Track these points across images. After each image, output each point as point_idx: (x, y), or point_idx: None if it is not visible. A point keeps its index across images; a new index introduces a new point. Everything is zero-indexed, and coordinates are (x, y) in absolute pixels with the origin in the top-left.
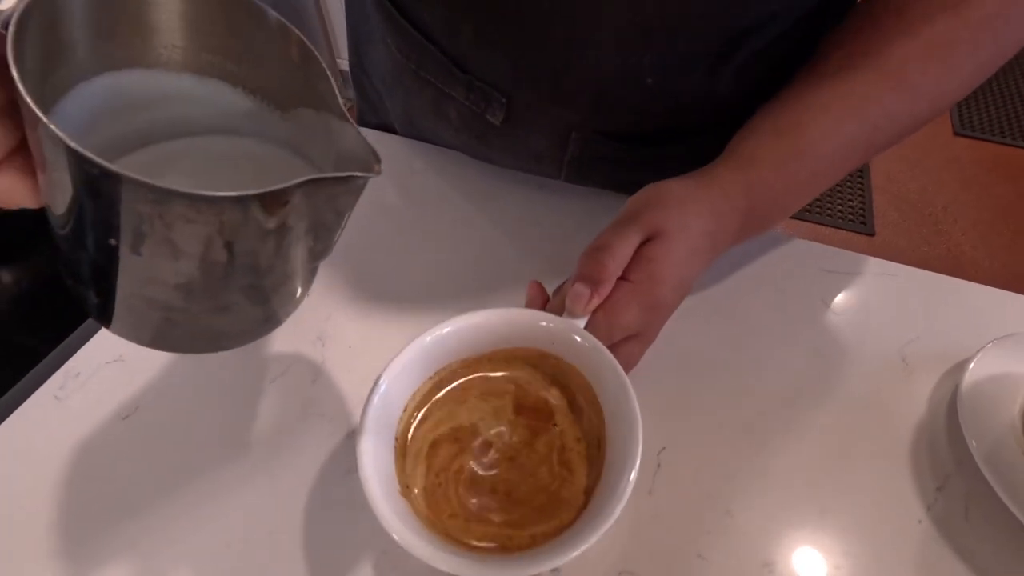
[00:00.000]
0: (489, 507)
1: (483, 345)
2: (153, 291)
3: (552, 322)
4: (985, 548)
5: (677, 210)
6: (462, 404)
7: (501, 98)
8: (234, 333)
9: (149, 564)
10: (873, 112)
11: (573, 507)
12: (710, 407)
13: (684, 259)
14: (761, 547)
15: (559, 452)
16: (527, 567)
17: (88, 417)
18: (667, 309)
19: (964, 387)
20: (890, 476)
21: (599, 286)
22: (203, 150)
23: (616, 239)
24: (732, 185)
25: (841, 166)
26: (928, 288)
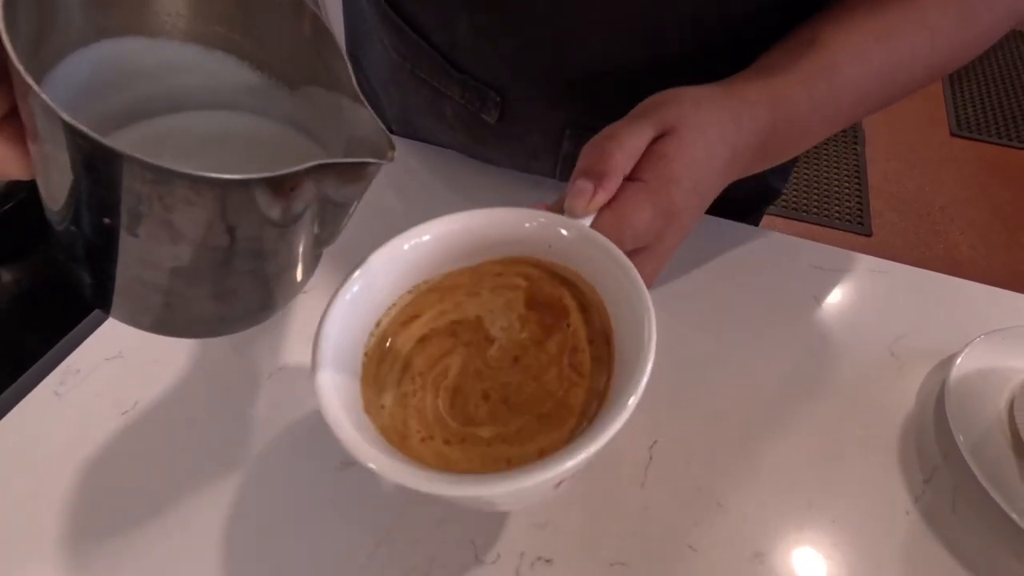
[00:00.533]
0: (476, 419)
1: (467, 256)
2: (150, 274)
3: (547, 219)
4: (972, 539)
5: (693, 108)
6: (472, 296)
7: (496, 96)
8: (234, 318)
9: (147, 556)
10: (898, 45)
11: (580, 414)
12: (701, 402)
13: (701, 160)
14: (752, 538)
15: (570, 353)
16: (539, 473)
17: (87, 413)
18: (683, 218)
19: (951, 381)
20: (879, 469)
21: (604, 179)
22: (206, 127)
23: (625, 130)
24: (755, 94)
25: (863, 98)
26: (917, 284)
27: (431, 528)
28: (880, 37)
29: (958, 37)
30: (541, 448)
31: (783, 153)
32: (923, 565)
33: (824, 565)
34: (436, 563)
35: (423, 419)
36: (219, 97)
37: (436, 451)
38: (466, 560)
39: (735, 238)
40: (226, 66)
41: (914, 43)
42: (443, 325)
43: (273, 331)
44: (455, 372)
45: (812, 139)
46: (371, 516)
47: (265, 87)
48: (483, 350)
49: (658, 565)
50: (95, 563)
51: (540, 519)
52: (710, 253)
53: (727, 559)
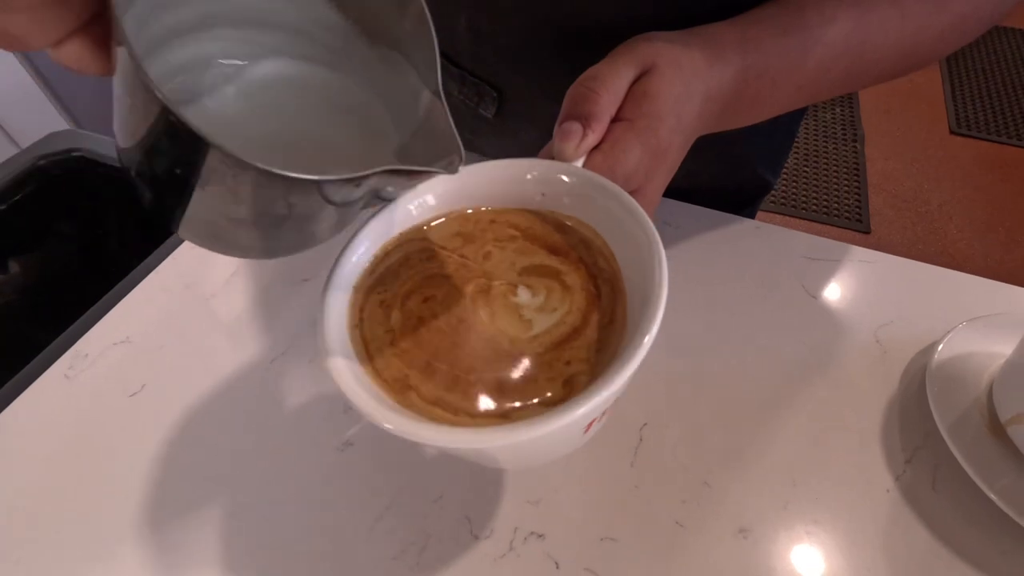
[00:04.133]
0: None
1: (466, 207)
2: (210, 215)
3: (544, 167)
4: (950, 517)
5: (668, 46)
6: (468, 243)
7: (493, 93)
8: (283, 249)
9: (154, 534)
10: (869, 18)
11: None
12: (691, 386)
13: (682, 96)
14: (737, 515)
15: (578, 293)
16: (569, 412)
17: (96, 395)
18: (669, 156)
19: (933, 365)
20: (861, 449)
21: (592, 120)
22: (283, 78)
23: (607, 71)
24: (727, 37)
25: (832, 66)
26: (904, 274)
27: (428, 505)
28: (852, 5)
29: (929, 22)
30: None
31: (753, 106)
32: (903, 541)
33: (807, 540)
34: (433, 538)
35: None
36: (298, 25)
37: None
38: (462, 535)
39: (727, 229)
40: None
41: (884, 19)
42: (438, 272)
43: (276, 318)
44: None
45: (781, 99)
46: (370, 494)
47: (345, 32)
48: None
49: (647, 540)
50: (103, 541)
51: (533, 496)
52: (703, 243)
53: (713, 535)
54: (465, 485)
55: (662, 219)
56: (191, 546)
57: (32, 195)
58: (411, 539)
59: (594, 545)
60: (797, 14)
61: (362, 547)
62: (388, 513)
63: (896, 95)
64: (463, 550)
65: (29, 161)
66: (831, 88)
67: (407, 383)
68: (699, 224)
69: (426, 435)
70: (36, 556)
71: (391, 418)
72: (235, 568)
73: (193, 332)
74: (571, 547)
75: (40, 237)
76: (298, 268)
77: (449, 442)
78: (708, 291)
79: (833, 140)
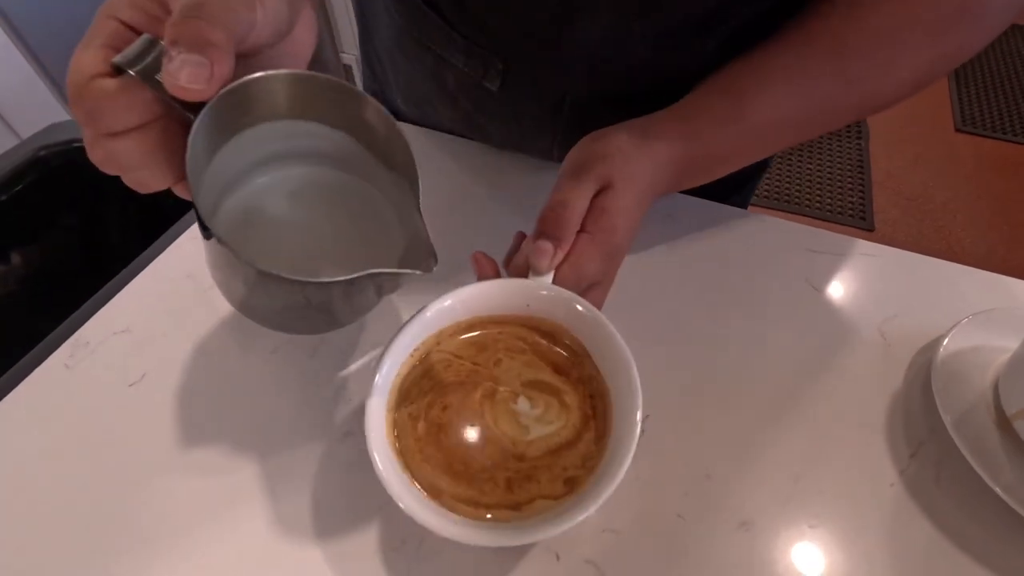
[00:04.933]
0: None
1: (470, 315)
2: (237, 292)
3: (554, 292)
4: (955, 511)
5: (622, 161)
6: (484, 351)
7: (498, 64)
8: (306, 330)
9: (154, 524)
10: (815, 95)
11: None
12: (693, 378)
13: (633, 207)
14: (739, 508)
15: (582, 406)
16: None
17: (97, 384)
18: (622, 255)
19: (939, 359)
20: (865, 443)
21: (562, 241)
22: (310, 182)
23: (572, 195)
24: (672, 134)
25: (775, 139)
26: (908, 267)
27: None
28: (797, 84)
29: (878, 86)
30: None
31: (695, 180)
32: (906, 534)
33: (809, 533)
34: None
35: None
36: (314, 144)
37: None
38: None
39: (730, 221)
40: (342, 140)
41: (830, 93)
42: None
43: None
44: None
45: (729, 167)
46: (369, 485)
47: (367, 160)
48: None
49: (648, 532)
50: (104, 530)
51: None
52: (706, 236)
53: (714, 527)
54: None
55: (663, 212)
56: (190, 535)
57: (33, 186)
58: (411, 530)
59: (595, 537)
60: (742, 100)
61: (362, 538)
62: (388, 504)
63: None
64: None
65: (30, 152)
66: (783, 147)
67: (438, 486)
68: (701, 217)
69: (455, 532)
70: (36, 545)
71: (444, 525)
72: (233, 557)
73: (194, 322)
74: (571, 539)
75: (41, 228)
76: None
77: (479, 541)
78: (711, 284)
79: (837, 137)
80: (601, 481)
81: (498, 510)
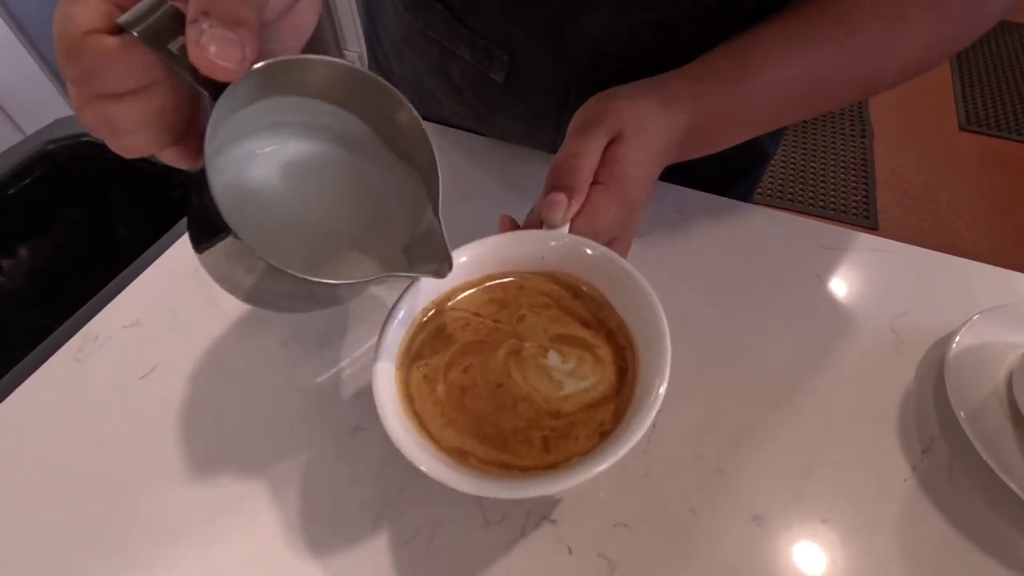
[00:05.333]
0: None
1: (483, 271)
2: (236, 275)
3: (569, 240)
4: (968, 507)
5: (632, 111)
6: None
7: (504, 56)
8: (301, 311)
9: (162, 517)
10: (823, 62)
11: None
12: (705, 374)
13: (647, 158)
14: (751, 502)
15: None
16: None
17: (107, 377)
18: (639, 208)
19: (952, 354)
20: (877, 438)
21: (575, 192)
22: (316, 156)
23: (583, 146)
24: (681, 91)
25: (783, 105)
26: (919, 263)
27: (439, 489)
28: (805, 48)
29: (883, 58)
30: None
31: (709, 145)
32: (919, 530)
33: (822, 528)
34: (444, 523)
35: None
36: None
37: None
38: (473, 520)
39: (739, 217)
40: (351, 121)
41: (838, 62)
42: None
43: None
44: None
45: (735, 136)
46: (381, 478)
47: (372, 137)
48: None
49: (660, 526)
50: (112, 522)
51: None
52: (716, 232)
53: (727, 522)
54: None
55: (673, 207)
56: (198, 529)
57: (40, 180)
58: (422, 523)
59: (607, 531)
60: (745, 65)
61: (373, 531)
62: (399, 497)
63: (905, 91)
64: (475, 535)
65: (37, 146)
66: (791, 119)
67: (464, 450)
68: (710, 212)
69: (493, 489)
70: (45, 536)
71: (463, 480)
72: (242, 550)
73: (203, 316)
74: (584, 533)
75: (48, 222)
76: None
77: (512, 493)
78: (721, 279)
79: (841, 136)
80: (632, 424)
81: (534, 472)
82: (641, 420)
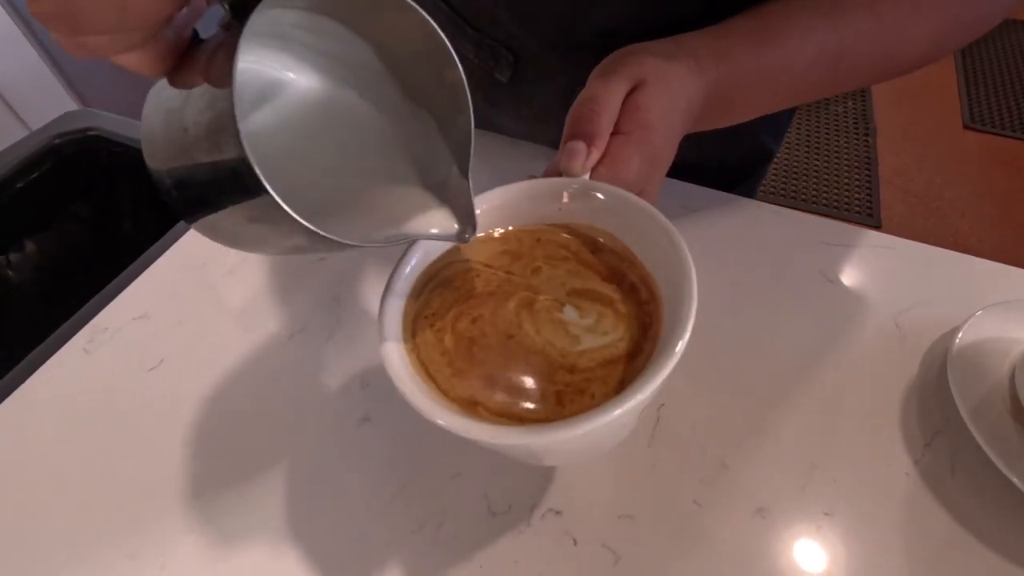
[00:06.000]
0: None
1: (496, 222)
2: (236, 228)
3: (580, 185)
4: (970, 501)
5: (654, 62)
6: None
7: (509, 56)
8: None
9: (170, 508)
10: (844, 24)
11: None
12: (710, 369)
13: (669, 108)
14: (754, 495)
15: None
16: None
17: (116, 368)
18: (664, 161)
19: (955, 349)
20: (880, 432)
21: (595, 139)
22: (328, 98)
23: (603, 90)
24: (703, 50)
25: (807, 74)
26: (923, 259)
27: (445, 481)
28: (827, 15)
29: (904, 32)
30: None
31: (730, 112)
32: (922, 524)
33: (825, 521)
34: (450, 514)
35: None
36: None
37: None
38: (479, 512)
39: (743, 212)
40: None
41: (859, 26)
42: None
43: (294, 296)
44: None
45: (756, 105)
46: (387, 469)
47: (386, 78)
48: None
49: (664, 518)
50: (122, 510)
51: (550, 475)
52: (719, 226)
53: (730, 514)
54: (482, 463)
55: (678, 202)
56: (206, 520)
57: (47, 174)
58: (428, 515)
59: (612, 522)
60: (770, 25)
61: (379, 522)
62: (405, 489)
63: (909, 89)
64: (481, 526)
65: (45, 140)
66: (812, 93)
67: (474, 400)
68: (714, 207)
69: (505, 437)
70: (56, 527)
71: (472, 427)
72: (250, 542)
73: (211, 308)
74: (588, 524)
75: (55, 217)
76: None
77: (518, 440)
78: (725, 274)
79: (844, 134)
80: (659, 359)
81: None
82: (677, 341)
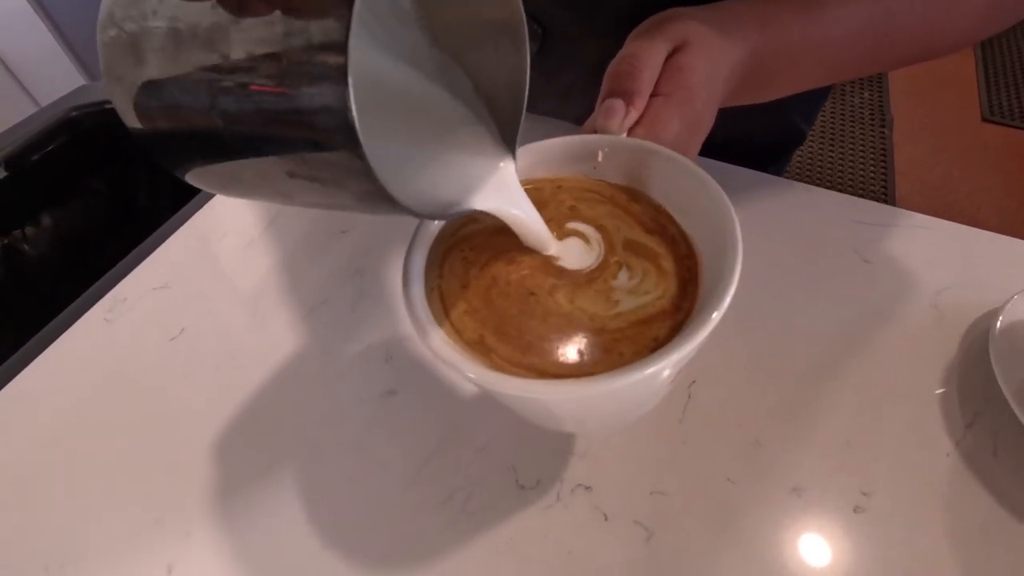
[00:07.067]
0: None
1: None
2: (249, 172)
3: (596, 140)
4: (1013, 482)
5: (696, 24)
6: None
7: (539, 29)
8: None
9: (193, 479)
10: None
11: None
12: (743, 348)
13: (711, 72)
14: (790, 474)
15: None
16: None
17: (136, 338)
18: (704, 127)
19: (998, 329)
20: (919, 413)
21: (634, 97)
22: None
23: (643, 49)
24: (746, 15)
25: (853, 46)
26: (959, 239)
27: (473, 454)
28: None
29: (957, 4)
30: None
31: (772, 83)
32: (963, 505)
33: (862, 500)
34: (478, 487)
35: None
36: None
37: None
38: (507, 485)
39: (776, 191)
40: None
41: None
42: None
43: (318, 267)
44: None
45: (799, 77)
46: (414, 442)
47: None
48: None
49: (697, 495)
50: (148, 476)
51: (579, 449)
52: (752, 206)
53: (765, 492)
54: (510, 435)
55: None
56: (230, 491)
57: (64, 147)
58: (456, 487)
59: (643, 498)
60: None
61: (406, 494)
62: (432, 460)
63: (927, 80)
64: (509, 499)
65: (61, 113)
66: (854, 67)
67: (485, 344)
68: (746, 186)
69: (525, 388)
70: (79, 494)
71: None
72: (276, 514)
73: (232, 279)
74: (619, 500)
75: (71, 190)
76: (337, 219)
77: (539, 393)
78: (759, 253)
79: (860, 124)
80: (700, 317)
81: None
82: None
